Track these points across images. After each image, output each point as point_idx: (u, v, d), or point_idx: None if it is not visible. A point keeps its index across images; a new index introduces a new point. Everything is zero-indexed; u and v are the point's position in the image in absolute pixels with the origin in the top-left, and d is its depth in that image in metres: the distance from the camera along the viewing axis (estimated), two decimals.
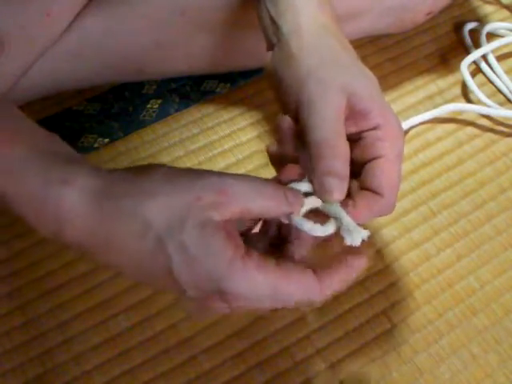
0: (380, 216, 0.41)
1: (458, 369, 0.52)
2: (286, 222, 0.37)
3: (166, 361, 0.51)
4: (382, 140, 0.41)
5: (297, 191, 0.38)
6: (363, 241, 0.38)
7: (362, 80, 0.42)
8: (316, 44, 0.43)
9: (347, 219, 0.38)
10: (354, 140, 0.41)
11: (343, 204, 0.39)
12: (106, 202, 0.34)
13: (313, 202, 0.39)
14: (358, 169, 0.41)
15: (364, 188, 0.41)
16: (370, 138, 0.41)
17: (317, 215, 0.39)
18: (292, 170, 0.41)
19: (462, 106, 0.66)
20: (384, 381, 0.51)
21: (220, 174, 0.36)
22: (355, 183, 0.42)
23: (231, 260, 0.34)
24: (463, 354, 0.52)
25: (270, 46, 0.46)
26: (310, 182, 0.40)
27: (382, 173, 0.40)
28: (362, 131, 0.41)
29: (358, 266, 0.38)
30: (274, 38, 0.46)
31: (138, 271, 0.35)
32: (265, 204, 0.36)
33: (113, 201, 0.34)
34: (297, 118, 0.42)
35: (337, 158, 0.39)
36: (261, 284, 0.34)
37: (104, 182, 0.35)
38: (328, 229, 0.38)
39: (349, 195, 0.40)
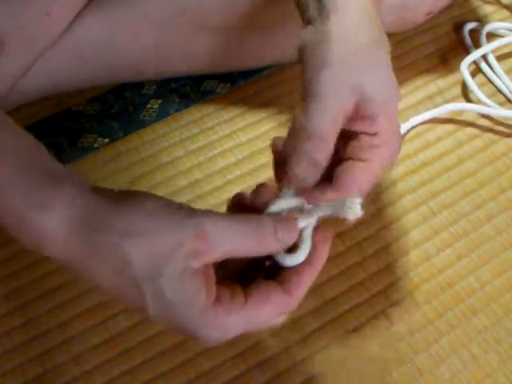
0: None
1: (458, 369, 0.52)
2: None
3: (166, 361, 0.50)
4: (377, 148, 0.40)
5: (291, 223, 0.37)
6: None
7: (378, 83, 0.41)
8: (352, 31, 0.42)
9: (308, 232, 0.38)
10: (350, 136, 0.41)
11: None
12: (86, 234, 0.34)
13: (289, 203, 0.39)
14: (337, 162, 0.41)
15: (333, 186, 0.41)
16: (366, 142, 0.41)
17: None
18: (265, 191, 0.40)
19: (461, 105, 0.66)
20: (384, 381, 0.51)
21: (202, 217, 0.34)
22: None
23: (204, 308, 0.33)
24: (463, 353, 0.52)
25: (307, 22, 0.44)
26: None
27: (353, 176, 0.40)
28: (361, 133, 0.41)
29: (319, 263, 0.38)
30: (314, 12, 0.43)
31: (115, 297, 0.36)
32: (249, 247, 0.35)
33: (93, 233, 0.34)
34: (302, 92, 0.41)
35: (322, 152, 0.39)
36: (232, 327, 0.34)
37: (85, 209, 0.34)
38: (299, 257, 0.38)
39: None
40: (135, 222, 0.34)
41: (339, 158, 0.41)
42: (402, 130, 0.63)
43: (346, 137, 0.41)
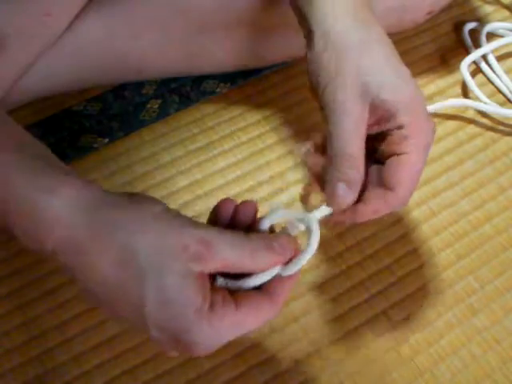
0: (391, 211, 0.42)
1: (458, 369, 0.52)
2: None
3: (166, 361, 0.50)
4: (408, 138, 0.41)
5: (289, 237, 0.38)
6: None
7: (387, 80, 0.41)
8: (347, 40, 0.42)
9: (315, 239, 0.38)
10: (383, 135, 0.42)
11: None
12: (94, 222, 0.34)
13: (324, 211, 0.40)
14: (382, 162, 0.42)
15: (380, 182, 0.41)
16: (396, 136, 0.41)
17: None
18: (248, 209, 0.40)
19: (462, 101, 0.65)
20: (384, 381, 0.51)
21: (206, 228, 0.36)
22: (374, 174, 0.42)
23: (200, 310, 0.34)
24: (463, 354, 0.52)
25: (304, 35, 0.45)
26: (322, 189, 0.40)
27: (400, 170, 0.41)
28: (388, 130, 0.41)
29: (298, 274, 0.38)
30: (304, 29, 0.45)
31: (108, 296, 0.35)
32: (245, 262, 0.35)
33: (102, 223, 0.34)
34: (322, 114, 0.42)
35: (351, 168, 0.40)
36: (224, 332, 0.35)
37: (94, 199, 0.35)
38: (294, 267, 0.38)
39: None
40: (146, 220, 0.35)
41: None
42: None
43: (378, 140, 0.42)
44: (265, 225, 0.39)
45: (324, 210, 0.41)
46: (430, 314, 0.54)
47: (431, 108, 0.64)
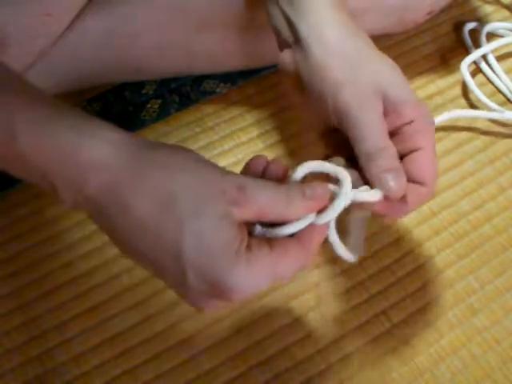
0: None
1: (458, 369, 0.52)
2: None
3: (166, 361, 0.50)
4: (420, 132, 0.42)
5: (322, 185, 0.38)
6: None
7: (390, 76, 0.43)
8: (341, 46, 0.43)
9: (346, 186, 0.39)
10: (391, 134, 0.42)
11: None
12: (139, 164, 0.35)
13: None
14: None
15: (408, 180, 0.42)
16: (408, 131, 0.42)
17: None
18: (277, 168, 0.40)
19: (466, 112, 0.65)
20: (384, 381, 0.51)
21: (244, 176, 0.37)
22: None
23: (238, 252, 0.34)
24: (463, 353, 0.52)
25: (285, 45, 0.46)
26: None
27: (424, 164, 0.42)
28: (399, 127, 0.42)
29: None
30: (290, 38, 0.45)
31: (145, 242, 0.35)
32: (279, 208, 0.36)
33: (145, 164, 0.35)
34: (325, 118, 0.43)
35: (390, 158, 0.40)
36: (260, 274, 0.35)
37: (138, 144, 0.36)
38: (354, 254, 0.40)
39: None
40: (183, 163, 0.36)
41: None
42: None
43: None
44: (298, 175, 0.39)
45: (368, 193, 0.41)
46: (429, 314, 0.54)
47: (437, 120, 0.64)
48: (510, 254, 0.58)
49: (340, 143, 0.43)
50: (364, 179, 0.41)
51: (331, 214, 0.38)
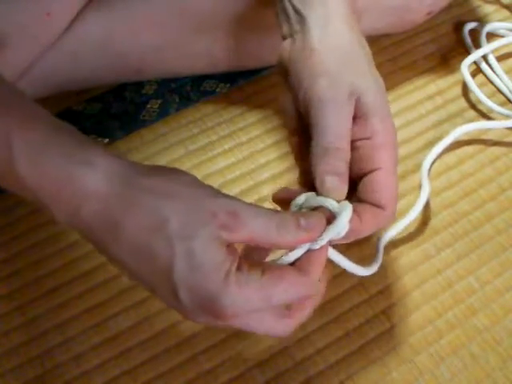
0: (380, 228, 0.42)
1: (458, 369, 0.52)
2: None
3: (166, 361, 0.50)
4: (379, 150, 0.41)
5: (318, 215, 0.38)
6: None
7: (370, 85, 0.42)
8: (338, 40, 0.43)
9: (344, 216, 0.39)
10: (352, 149, 0.42)
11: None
12: (130, 191, 0.35)
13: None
14: (353, 179, 0.42)
15: (363, 200, 0.42)
16: (367, 148, 0.41)
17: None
18: (285, 191, 0.42)
19: (480, 124, 0.64)
20: (384, 381, 0.51)
21: (236, 199, 0.37)
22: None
23: (228, 274, 0.35)
24: (463, 354, 0.52)
25: (288, 35, 0.46)
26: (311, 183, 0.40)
27: (383, 187, 0.41)
28: (357, 139, 0.42)
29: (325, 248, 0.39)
30: (296, 28, 0.45)
31: (138, 264, 0.36)
32: (272, 235, 0.36)
33: (136, 191, 0.35)
34: (298, 110, 0.43)
35: (340, 160, 0.40)
36: (250, 297, 0.35)
37: (130, 170, 0.36)
38: (371, 269, 0.42)
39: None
40: (177, 188, 0.36)
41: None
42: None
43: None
44: (293, 207, 0.40)
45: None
46: (430, 314, 0.54)
47: (452, 137, 0.62)
48: (510, 254, 0.58)
49: (303, 146, 0.43)
50: None
51: (322, 240, 0.38)
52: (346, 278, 0.55)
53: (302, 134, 0.43)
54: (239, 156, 0.62)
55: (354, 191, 0.42)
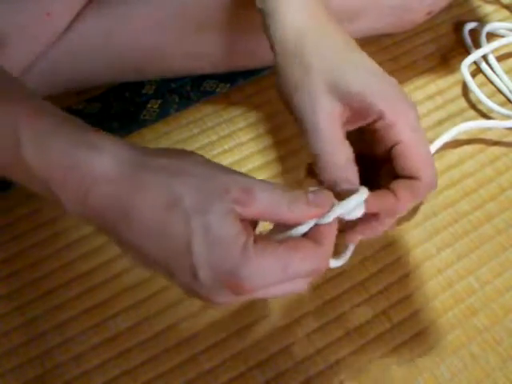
0: (423, 197, 0.42)
1: (458, 369, 0.52)
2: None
3: (166, 361, 0.50)
4: (393, 125, 0.41)
5: (326, 192, 0.38)
6: None
7: (352, 73, 0.41)
8: (307, 36, 0.43)
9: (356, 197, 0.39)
10: (367, 131, 0.42)
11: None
12: (140, 172, 0.35)
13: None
14: (379, 160, 0.42)
15: (400, 175, 0.41)
16: (382, 128, 0.41)
17: None
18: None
19: (478, 123, 0.64)
20: (384, 380, 0.51)
21: (248, 175, 0.37)
22: (385, 176, 0.42)
23: (245, 245, 0.35)
24: (463, 353, 0.52)
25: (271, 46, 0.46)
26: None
27: (409, 157, 0.41)
28: (371, 123, 0.41)
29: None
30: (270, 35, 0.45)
31: (153, 245, 0.35)
32: (282, 210, 0.36)
33: (147, 171, 0.35)
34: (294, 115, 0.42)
35: (337, 166, 0.40)
36: (268, 269, 0.35)
37: (138, 153, 0.36)
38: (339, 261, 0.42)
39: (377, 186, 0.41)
40: (189, 166, 0.36)
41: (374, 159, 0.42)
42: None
43: (371, 135, 0.42)
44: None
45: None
46: (430, 314, 0.54)
47: (449, 135, 0.63)
48: (510, 254, 0.58)
49: None
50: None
51: (332, 215, 0.38)
52: (346, 278, 0.55)
53: None
54: (239, 156, 0.62)
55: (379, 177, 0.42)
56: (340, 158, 0.40)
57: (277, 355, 0.51)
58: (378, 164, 0.43)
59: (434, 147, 0.62)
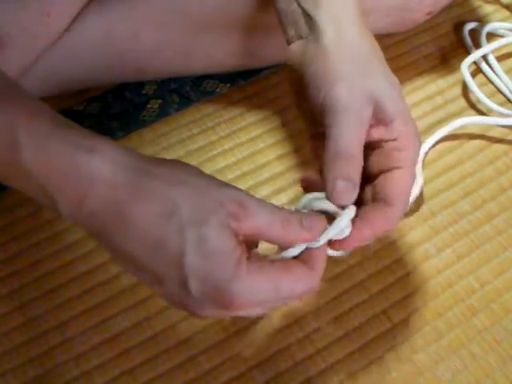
0: (386, 230, 0.42)
1: (458, 369, 0.52)
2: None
3: (166, 361, 0.50)
4: (400, 150, 0.41)
5: (319, 216, 0.39)
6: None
7: (388, 87, 0.42)
8: (351, 42, 0.43)
9: (344, 218, 0.39)
10: (372, 147, 0.42)
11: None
12: (139, 178, 0.35)
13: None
14: (370, 176, 0.42)
15: (376, 199, 0.42)
16: (389, 147, 0.41)
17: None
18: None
19: (477, 119, 0.65)
20: (384, 380, 0.51)
21: (243, 191, 0.37)
22: (368, 191, 0.43)
23: (239, 261, 0.35)
24: (463, 354, 0.52)
25: (296, 37, 0.46)
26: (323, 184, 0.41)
27: (396, 183, 0.41)
28: (383, 140, 0.42)
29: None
30: (304, 31, 0.45)
31: (146, 253, 0.35)
32: (277, 231, 0.36)
33: (145, 177, 0.35)
34: (315, 115, 0.42)
35: (353, 167, 0.40)
36: (260, 287, 0.36)
37: (137, 159, 0.36)
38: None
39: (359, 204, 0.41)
40: (188, 177, 0.36)
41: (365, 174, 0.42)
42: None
43: (370, 150, 0.42)
44: (301, 204, 0.41)
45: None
46: (429, 313, 0.54)
47: (447, 129, 0.63)
48: (510, 254, 0.58)
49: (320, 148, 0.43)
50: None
51: (323, 239, 0.39)
52: (346, 278, 0.55)
53: (320, 137, 0.43)
54: (239, 156, 0.62)
55: (362, 191, 0.42)
56: (357, 162, 0.40)
57: (277, 355, 0.51)
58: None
59: (428, 144, 0.62)
